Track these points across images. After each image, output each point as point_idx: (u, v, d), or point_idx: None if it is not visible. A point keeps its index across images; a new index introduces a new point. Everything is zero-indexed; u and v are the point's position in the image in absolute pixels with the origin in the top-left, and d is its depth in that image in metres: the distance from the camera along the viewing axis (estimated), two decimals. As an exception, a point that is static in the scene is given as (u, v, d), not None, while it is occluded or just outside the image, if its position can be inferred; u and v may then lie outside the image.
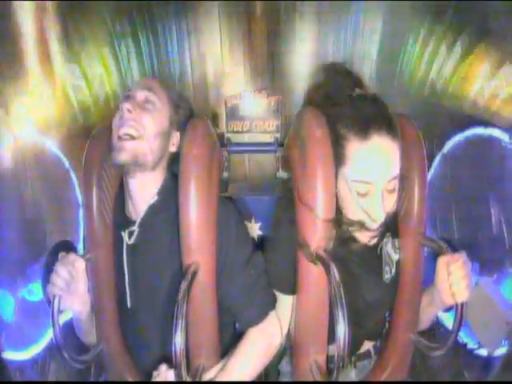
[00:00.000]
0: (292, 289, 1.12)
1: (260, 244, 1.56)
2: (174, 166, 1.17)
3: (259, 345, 1.14)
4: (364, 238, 1.10)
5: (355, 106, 1.05)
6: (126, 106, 1.07)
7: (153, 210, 1.13)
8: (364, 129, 1.01)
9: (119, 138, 1.06)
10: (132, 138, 1.06)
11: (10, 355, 1.11)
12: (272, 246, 1.19)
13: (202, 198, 1.03)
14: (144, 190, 1.13)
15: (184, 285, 0.97)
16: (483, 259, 1.35)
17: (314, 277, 1.04)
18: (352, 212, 1.06)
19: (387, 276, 1.16)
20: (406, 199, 1.11)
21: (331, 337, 0.99)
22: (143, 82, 1.18)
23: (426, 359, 1.50)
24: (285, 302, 1.16)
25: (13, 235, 1.14)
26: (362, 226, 1.05)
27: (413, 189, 1.10)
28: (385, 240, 1.16)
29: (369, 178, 1.01)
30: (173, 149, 1.18)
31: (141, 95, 1.13)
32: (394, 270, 1.16)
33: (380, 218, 1.02)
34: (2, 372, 0.99)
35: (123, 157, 1.05)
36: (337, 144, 1.03)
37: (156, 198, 1.13)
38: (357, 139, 1.01)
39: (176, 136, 1.18)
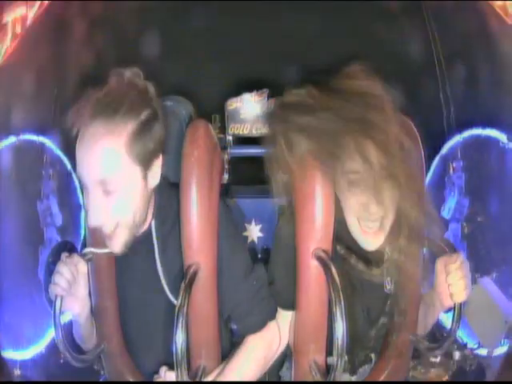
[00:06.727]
0: (292, 305, 1.11)
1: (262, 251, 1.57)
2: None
3: (257, 351, 1.14)
4: (369, 239, 1.05)
5: None
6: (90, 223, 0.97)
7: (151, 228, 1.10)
8: None
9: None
10: (110, 235, 1.00)
11: (11, 354, 1.11)
12: (271, 259, 1.19)
13: (203, 198, 1.04)
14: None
15: (185, 285, 0.98)
16: (482, 259, 1.35)
17: (313, 280, 1.05)
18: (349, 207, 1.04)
19: (389, 287, 1.14)
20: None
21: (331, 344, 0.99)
22: (88, 158, 0.95)
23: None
24: (285, 317, 1.15)
25: (13, 235, 1.15)
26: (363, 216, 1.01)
27: None
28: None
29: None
30: (155, 182, 1.04)
31: (95, 183, 0.95)
32: (394, 281, 1.14)
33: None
34: (2, 372, 0.99)
35: (118, 248, 1.02)
36: None
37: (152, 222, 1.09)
38: None
39: (156, 164, 1.03)
